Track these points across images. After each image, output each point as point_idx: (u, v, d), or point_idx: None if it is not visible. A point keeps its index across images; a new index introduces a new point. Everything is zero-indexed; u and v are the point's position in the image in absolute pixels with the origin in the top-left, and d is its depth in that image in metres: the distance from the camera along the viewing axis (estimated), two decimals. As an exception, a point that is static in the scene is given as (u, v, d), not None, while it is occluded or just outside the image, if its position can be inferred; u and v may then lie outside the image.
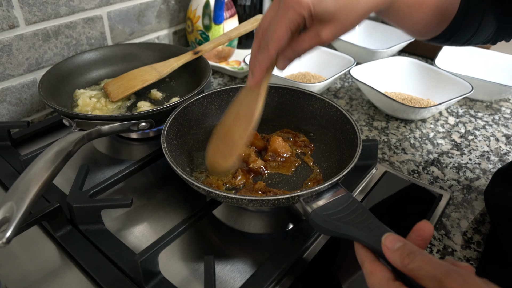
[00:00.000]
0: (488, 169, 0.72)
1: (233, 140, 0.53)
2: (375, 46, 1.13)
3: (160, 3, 1.01)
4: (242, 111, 0.53)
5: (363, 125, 0.84)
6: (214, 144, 0.56)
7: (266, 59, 0.47)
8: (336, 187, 0.49)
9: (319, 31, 0.45)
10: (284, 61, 0.48)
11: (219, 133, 0.56)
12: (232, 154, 0.52)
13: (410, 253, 0.33)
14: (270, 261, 0.49)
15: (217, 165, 0.54)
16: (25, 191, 0.44)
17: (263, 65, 0.48)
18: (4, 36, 0.74)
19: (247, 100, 0.53)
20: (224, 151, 0.54)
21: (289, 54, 0.47)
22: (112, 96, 0.73)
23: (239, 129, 0.52)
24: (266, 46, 0.46)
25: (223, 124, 0.56)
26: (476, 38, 0.56)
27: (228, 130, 0.54)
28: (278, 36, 0.45)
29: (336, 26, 0.44)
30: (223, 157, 0.53)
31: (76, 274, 0.50)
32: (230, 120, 0.55)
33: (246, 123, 0.52)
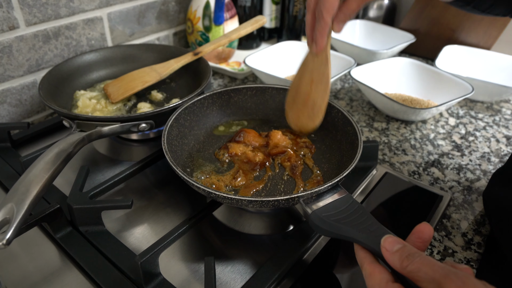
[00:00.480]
0: (489, 170, 0.72)
1: (317, 104, 0.60)
2: (376, 47, 1.13)
3: (160, 4, 1.01)
4: (316, 77, 0.59)
5: (364, 126, 0.84)
6: (297, 109, 0.64)
7: (324, 27, 0.51)
8: (336, 188, 0.49)
9: None
10: (339, 24, 0.52)
11: (297, 99, 0.63)
12: (319, 115, 0.61)
13: (409, 255, 0.33)
14: (271, 262, 0.49)
15: (306, 126, 0.64)
16: (25, 193, 0.44)
17: (323, 33, 0.52)
18: (4, 38, 0.74)
19: (317, 67, 0.58)
20: (310, 113, 0.62)
21: (341, 18, 0.51)
22: (112, 97, 0.73)
23: (319, 94, 0.59)
24: (321, 15, 0.50)
25: (298, 91, 0.62)
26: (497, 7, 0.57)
27: (307, 96, 0.61)
28: (330, 3, 0.49)
29: None
30: (311, 119, 0.62)
31: (76, 276, 0.50)
32: (305, 86, 0.61)
33: (323, 88, 0.59)
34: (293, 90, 0.63)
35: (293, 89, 0.63)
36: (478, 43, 1.11)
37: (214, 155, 0.64)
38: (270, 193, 0.57)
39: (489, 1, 0.56)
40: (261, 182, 0.59)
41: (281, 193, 0.58)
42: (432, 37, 1.16)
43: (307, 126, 0.63)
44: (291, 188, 0.59)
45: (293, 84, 0.63)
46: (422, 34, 1.17)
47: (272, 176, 0.60)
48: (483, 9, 0.57)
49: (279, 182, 0.59)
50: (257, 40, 1.19)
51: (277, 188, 0.58)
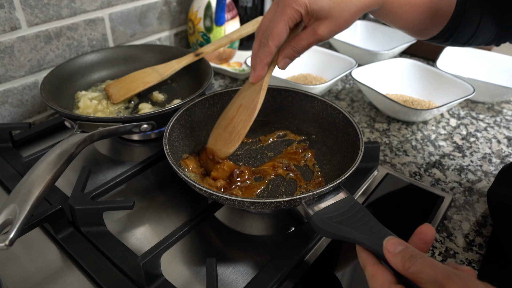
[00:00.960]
0: (490, 171, 0.72)
1: (237, 129, 0.57)
2: (377, 48, 1.13)
3: (161, 5, 1.01)
4: (245, 103, 0.56)
5: (365, 127, 0.84)
6: (217, 133, 0.60)
7: (266, 54, 0.50)
8: (337, 189, 0.49)
9: (316, 29, 0.48)
10: (285, 59, 0.51)
11: (221, 122, 0.60)
12: (235, 142, 0.57)
13: (411, 257, 0.33)
14: (272, 264, 0.49)
15: (219, 151, 0.59)
16: (28, 194, 0.44)
17: (264, 61, 0.51)
18: (6, 38, 0.74)
19: (250, 93, 0.56)
20: (226, 138, 0.58)
21: (289, 53, 0.50)
22: (114, 98, 0.73)
23: (242, 119, 0.56)
24: (266, 42, 0.49)
25: (224, 115, 0.60)
26: (477, 39, 0.57)
27: (230, 121, 0.58)
28: (277, 32, 0.47)
29: (331, 23, 0.47)
30: (226, 144, 0.58)
31: (77, 276, 0.50)
32: (232, 112, 0.58)
33: (249, 113, 0.56)
34: (222, 115, 0.61)
35: (222, 114, 0.61)
36: (480, 44, 1.11)
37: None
38: (271, 194, 0.58)
39: (466, 36, 0.56)
40: (262, 183, 0.59)
41: (283, 194, 0.58)
42: (433, 38, 1.16)
43: (220, 151, 0.59)
44: (293, 189, 0.59)
45: (224, 110, 0.61)
46: (423, 35, 1.16)
47: (274, 178, 0.60)
48: (463, 42, 0.58)
49: (280, 183, 0.60)
50: (258, 41, 1.19)
51: (279, 189, 0.59)
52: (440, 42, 0.59)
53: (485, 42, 0.58)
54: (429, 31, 0.57)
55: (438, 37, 0.57)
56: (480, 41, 0.58)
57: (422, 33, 0.57)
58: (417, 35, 0.59)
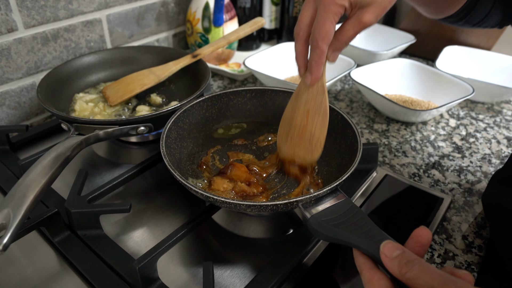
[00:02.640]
0: (490, 172, 0.71)
1: (315, 136, 0.56)
2: (376, 48, 1.12)
3: (159, 6, 1.01)
4: (312, 108, 0.55)
5: (364, 127, 0.84)
6: (292, 143, 0.59)
7: (320, 56, 0.49)
8: (335, 192, 0.49)
9: (361, 17, 0.46)
10: (334, 53, 0.50)
11: (292, 132, 0.58)
12: (318, 148, 0.57)
13: (408, 262, 0.33)
14: (270, 266, 0.49)
15: (303, 159, 0.59)
16: (22, 198, 0.44)
17: (319, 62, 0.50)
18: (3, 40, 0.74)
19: (313, 97, 0.55)
20: (307, 147, 0.57)
21: (337, 46, 0.49)
22: (111, 100, 0.73)
23: (318, 125, 0.56)
24: (317, 44, 0.47)
25: (293, 123, 0.58)
26: (487, 20, 0.57)
27: (304, 129, 0.57)
28: (326, 31, 0.46)
29: (376, 8, 0.46)
30: (309, 152, 0.58)
31: (74, 280, 0.50)
32: (301, 119, 0.57)
33: (322, 119, 0.55)
34: (286, 123, 0.59)
35: (285, 121, 0.59)
36: (478, 43, 1.11)
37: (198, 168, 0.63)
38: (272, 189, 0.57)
39: (480, 16, 0.56)
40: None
41: (283, 189, 0.58)
42: (433, 37, 1.16)
43: (304, 159, 0.58)
44: (293, 186, 0.58)
45: (286, 116, 0.59)
46: (422, 35, 1.16)
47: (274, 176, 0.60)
48: (474, 23, 0.58)
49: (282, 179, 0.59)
50: (257, 41, 1.19)
51: (278, 191, 0.58)
52: (452, 22, 0.59)
53: (491, 25, 0.59)
54: (447, 9, 0.57)
55: (453, 16, 0.57)
56: (488, 23, 0.58)
57: (440, 10, 0.57)
58: (435, 12, 0.58)
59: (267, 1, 1.15)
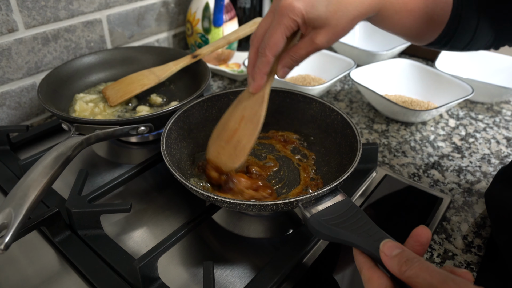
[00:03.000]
0: (489, 172, 0.72)
1: (241, 143, 0.55)
2: (375, 48, 1.12)
3: (159, 6, 1.01)
4: (247, 115, 0.55)
5: (363, 128, 0.84)
6: (218, 146, 0.58)
7: (264, 64, 0.49)
8: (335, 192, 0.49)
9: (314, 38, 0.47)
10: (284, 69, 0.51)
11: (222, 135, 0.58)
12: (241, 157, 0.55)
13: (408, 260, 0.33)
14: (270, 266, 0.49)
15: (224, 164, 0.57)
16: (23, 197, 0.44)
17: (263, 71, 0.50)
18: (4, 40, 0.74)
19: (251, 105, 0.55)
20: (231, 153, 0.56)
21: (288, 62, 0.50)
22: (111, 100, 0.73)
23: (246, 133, 0.55)
24: (263, 52, 0.48)
25: (225, 127, 0.58)
26: (475, 43, 0.56)
27: (233, 133, 0.56)
28: (275, 41, 0.47)
29: (328, 31, 0.46)
30: (231, 159, 0.56)
31: (75, 280, 0.50)
32: (234, 123, 0.56)
33: (253, 127, 0.54)
34: (220, 125, 0.59)
35: (220, 124, 0.59)
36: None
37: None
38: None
39: (464, 42, 0.56)
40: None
41: (283, 188, 0.58)
42: (432, 38, 1.16)
43: (225, 165, 0.57)
44: (293, 186, 0.59)
45: (222, 119, 0.59)
46: (422, 35, 1.16)
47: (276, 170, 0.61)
48: (461, 47, 0.58)
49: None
50: (257, 42, 1.19)
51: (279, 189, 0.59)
52: (438, 48, 0.59)
53: (483, 47, 0.58)
54: (426, 37, 0.57)
55: (436, 43, 0.57)
56: (479, 45, 0.57)
57: (419, 39, 0.57)
58: (414, 40, 0.58)
59: (266, 1, 1.15)
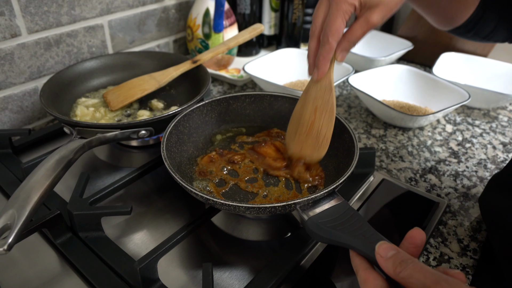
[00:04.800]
0: (485, 177, 0.72)
1: (322, 132, 0.57)
2: (374, 54, 1.14)
3: (160, 12, 1.02)
4: (320, 105, 0.57)
5: (361, 132, 0.85)
6: (299, 140, 0.60)
7: (328, 51, 0.50)
8: (332, 195, 0.50)
9: (369, 17, 0.48)
10: (342, 52, 0.51)
11: (300, 129, 0.60)
12: (325, 145, 0.58)
13: (402, 262, 0.34)
14: (268, 268, 0.50)
15: (310, 156, 0.60)
16: (26, 199, 0.45)
17: (327, 57, 0.51)
18: (6, 45, 0.75)
19: (321, 94, 0.56)
20: (314, 143, 0.59)
21: (345, 45, 0.51)
22: (112, 105, 0.74)
23: (324, 122, 0.57)
24: (326, 39, 0.49)
25: (300, 121, 0.59)
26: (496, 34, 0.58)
27: (311, 125, 0.58)
28: (336, 28, 0.48)
29: (383, 9, 0.48)
30: (316, 149, 0.59)
31: (76, 281, 0.51)
32: (309, 115, 0.58)
33: (329, 115, 0.56)
34: (295, 120, 0.60)
35: (294, 119, 0.61)
36: (475, 50, 1.12)
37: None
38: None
39: (488, 28, 0.57)
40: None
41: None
42: (430, 44, 1.17)
43: (311, 156, 0.60)
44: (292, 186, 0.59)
45: (295, 114, 0.60)
46: (419, 42, 1.18)
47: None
48: (483, 35, 0.59)
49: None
50: (256, 47, 1.20)
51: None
52: (462, 33, 0.60)
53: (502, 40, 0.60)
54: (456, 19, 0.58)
55: (462, 27, 0.58)
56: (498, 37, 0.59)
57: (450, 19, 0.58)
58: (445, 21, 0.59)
59: (266, 7, 1.16)
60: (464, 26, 0.58)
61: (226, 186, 0.60)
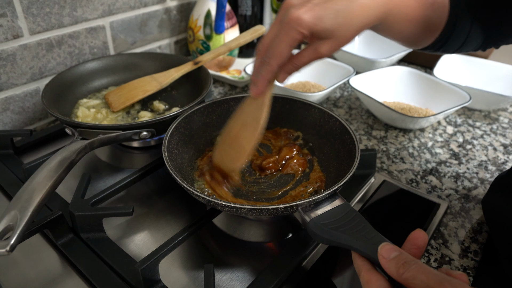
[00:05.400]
0: (486, 179, 0.73)
1: (241, 146, 0.57)
2: (374, 56, 1.14)
3: (162, 13, 1.03)
4: (248, 120, 0.57)
5: (362, 134, 0.85)
6: (222, 150, 0.61)
7: (268, 72, 0.50)
8: (334, 196, 0.50)
9: (318, 47, 0.48)
10: (285, 74, 0.51)
11: (225, 140, 0.60)
12: (241, 158, 0.58)
13: (405, 263, 0.34)
14: (270, 270, 0.50)
15: (225, 167, 0.60)
16: (29, 200, 0.45)
17: (266, 78, 0.51)
18: (9, 46, 0.75)
19: (252, 110, 0.56)
20: (232, 155, 0.59)
21: (289, 68, 0.51)
22: (114, 106, 0.74)
23: (247, 136, 0.57)
24: (268, 61, 0.49)
25: (229, 132, 0.60)
26: (466, 46, 0.59)
27: (235, 138, 0.58)
28: (280, 52, 0.48)
29: (333, 42, 0.47)
30: (232, 161, 0.59)
31: (77, 282, 0.51)
32: (236, 129, 0.58)
33: (252, 130, 0.56)
34: (225, 131, 0.61)
35: (225, 130, 0.61)
36: (475, 52, 1.12)
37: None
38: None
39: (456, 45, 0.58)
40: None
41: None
42: (431, 46, 1.17)
43: (227, 168, 0.60)
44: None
45: (227, 125, 0.60)
46: (420, 43, 1.18)
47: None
48: (452, 51, 0.60)
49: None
50: (257, 49, 1.20)
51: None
52: (432, 51, 0.61)
53: (472, 49, 0.60)
54: (422, 42, 0.59)
55: (430, 47, 0.59)
56: (469, 48, 0.60)
57: (416, 44, 0.59)
58: (411, 45, 0.60)
59: (267, 9, 1.16)
60: (432, 46, 0.59)
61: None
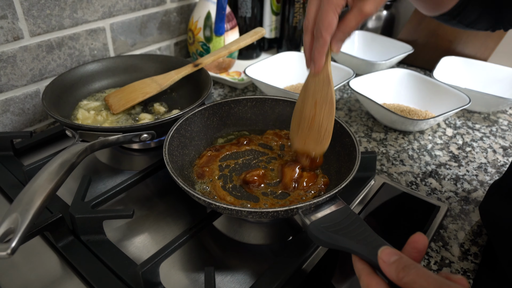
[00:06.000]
0: (486, 181, 0.73)
1: (323, 126, 0.58)
2: (374, 58, 1.14)
3: (162, 15, 1.03)
4: (319, 99, 0.57)
5: (362, 136, 0.85)
6: (303, 134, 0.61)
7: (322, 45, 0.50)
8: (334, 199, 0.50)
9: (362, 7, 0.48)
10: (337, 43, 0.51)
11: (302, 124, 0.61)
12: (327, 138, 0.59)
13: (405, 267, 0.34)
14: (270, 272, 0.50)
15: (314, 150, 0.61)
16: (30, 203, 0.45)
17: (322, 51, 0.51)
18: (9, 48, 0.75)
19: (319, 88, 0.56)
20: (316, 137, 0.60)
21: (340, 36, 0.50)
22: (114, 108, 0.74)
23: (324, 115, 0.58)
24: (320, 34, 0.49)
25: (302, 116, 0.60)
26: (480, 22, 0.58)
27: (312, 119, 0.59)
28: (329, 21, 0.48)
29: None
30: (318, 142, 0.60)
31: (77, 284, 0.51)
32: (310, 110, 0.59)
33: (329, 108, 0.57)
34: (297, 115, 0.61)
35: (296, 114, 0.61)
36: (475, 54, 1.13)
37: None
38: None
39: (472, 16, 0.58)
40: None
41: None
42: (430, 48, 1.18)
43: (314, 150, 0.61)
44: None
45: (296, 109, 0.61)
46: (420, 45, 1.18)
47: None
48: (467, 23, 0.59)
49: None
50: (257, 50, 1.20)
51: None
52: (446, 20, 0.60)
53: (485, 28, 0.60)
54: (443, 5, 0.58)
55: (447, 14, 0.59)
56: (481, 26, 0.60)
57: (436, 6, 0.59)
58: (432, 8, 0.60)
59: (267, 11, 1.17)
60: (449, 13, 0.58)
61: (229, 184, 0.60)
